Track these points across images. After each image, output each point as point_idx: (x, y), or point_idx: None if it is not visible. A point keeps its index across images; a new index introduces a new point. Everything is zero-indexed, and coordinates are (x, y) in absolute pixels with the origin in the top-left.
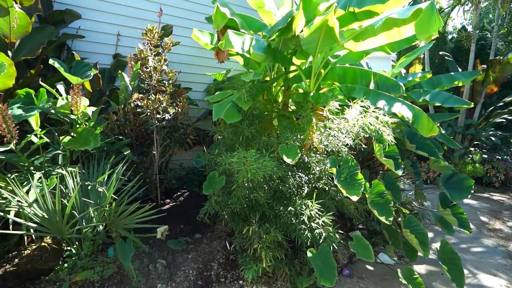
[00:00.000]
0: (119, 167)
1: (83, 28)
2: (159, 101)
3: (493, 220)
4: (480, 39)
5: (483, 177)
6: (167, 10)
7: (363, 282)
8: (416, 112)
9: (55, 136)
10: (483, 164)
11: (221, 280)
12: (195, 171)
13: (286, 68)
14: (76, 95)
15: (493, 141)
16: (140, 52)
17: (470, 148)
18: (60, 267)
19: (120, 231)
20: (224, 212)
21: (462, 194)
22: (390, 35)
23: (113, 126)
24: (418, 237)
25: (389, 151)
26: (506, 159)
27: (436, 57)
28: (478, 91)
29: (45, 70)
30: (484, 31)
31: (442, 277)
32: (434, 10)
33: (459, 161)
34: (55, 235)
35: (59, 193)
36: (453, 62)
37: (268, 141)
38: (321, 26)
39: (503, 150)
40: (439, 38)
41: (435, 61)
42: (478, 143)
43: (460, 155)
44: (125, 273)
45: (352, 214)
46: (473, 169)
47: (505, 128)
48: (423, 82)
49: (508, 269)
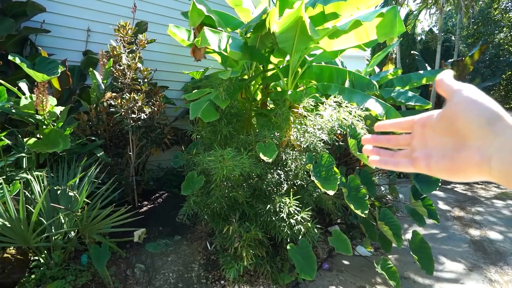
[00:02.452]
0: (91, 170)
1: (49, 22)
2: (134, 100)
3: (458, 210)
4: (445, 41)
5: None
6: (142, 6)
7: (342, 275)
8: (387, 109)
9: (19, 138)
10: None
11: (203, 281)
12: (174, 172)
13: (264, 67)
14: (42, 94)
15: None
16: (112, 49)
17: None
18: (27, 279)
19: (94, 236)
20: (203, 213)
21: (431, 187)
22: (359, 36)
23: (84, 126)
24: (392, 229)
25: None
26: None
27: (407, 57)
28: None
29: (5, 67)
30: (449, 34)
31: (414, 265)
32: (396, 14)
33: None
34: (20, 245)
35: (23, 199)
36: (422, 61)
37: (247, 139)
38: (295, 23)
39: None
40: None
41: (406, 61)
42: None
43: None
44: (101, 280)
45: (330, 209)
46: None
47: None
48: (394, 79)
49: (471, 254)
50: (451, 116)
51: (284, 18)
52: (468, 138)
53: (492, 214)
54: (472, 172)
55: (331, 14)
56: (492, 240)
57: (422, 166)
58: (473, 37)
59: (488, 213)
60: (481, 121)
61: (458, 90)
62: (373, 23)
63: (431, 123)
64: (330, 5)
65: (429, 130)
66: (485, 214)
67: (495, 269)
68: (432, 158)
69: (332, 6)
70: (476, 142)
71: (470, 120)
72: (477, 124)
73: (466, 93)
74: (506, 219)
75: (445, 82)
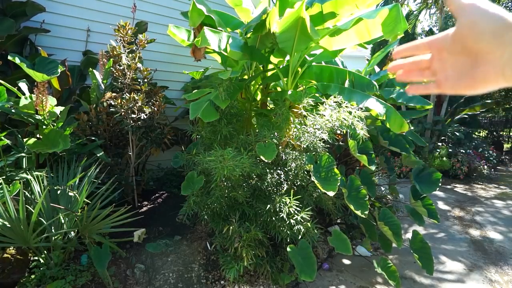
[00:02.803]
0: (91, 170)
1: (49, 22)
2: (134, 100)
3: (458, 210)
4: None
5: (449, 170)
6: (142, 6)
7: (342, 275)
8: (388, 108)
9: (18, 138)
10: (450, 158)
11: (202, 282)
12: (174, 172)
13: (264, 67)
14: (42, 94)
15: (458, 136)
16: (112, 49)
17: (438, 143)
18: (27, 279)
19: (94, 236)
20: (203, 213)
21: (431, 187)
22: (361, 34)
23: (84, 126)
24: (392, 229)
25: (364, 147)
26: (469, 152)
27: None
28: None
29: (5, 67)
30: None
31: (414, 265)
32: (399, 12)
33: (428, 155)
34: (20, 245)
35: (23, 199)
36: None
37: (247, 139)
38: (295, 23)
39: (467, 144)
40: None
41: None
42: (444, 138)
43: (430, 150)
44: (101, 281)
45: (330, 209)
46: (440, 163)
47: (468, 124)
48: (394, 79)
49: (471, 254)
50: (461, 38)
51: (284, 18)
52: (480, 54)
53: (492, 214)
54: (491, 84)
55: (331, 14)
56: (492, 240)
57: (447, 88)
58: None
59: (488, 213)
60: (487, 37)
61: (463, 8)
62: (376, 21)
63: (446, 46)
64: (329, 4)
65: (445, 53)
66: (485, 214)
67: (495, 269)
68: (453, 79)
69: (330, 5)
70: (488, 56)
71: (478, 39)
72: (486, 41)
73: (471, 10)
74: (506, 219)
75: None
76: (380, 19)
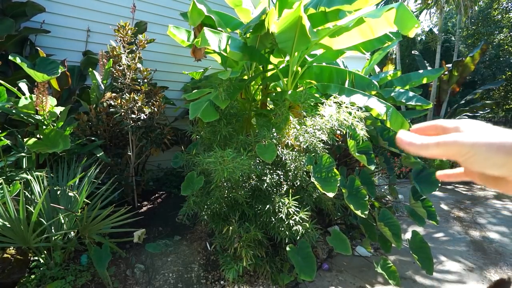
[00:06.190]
0: (91, 170)
1: (49, 22)
2: (133, 100)
3: (458, 210)
4: (445, 41)
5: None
6: (141, 6)
7: (342, 275)
8: (388, 108)
9: (18, 138)
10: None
11: (202, 282)
12: (174, 172)
13: (263, 67)
14: (42, 94)
15: None
16: (112, 49)
17: None
18: (27, 279)
19: (94, 237)
20: (203, 213)
21: (430, 188)
22: (363, 33)
23: (84, 126)
24: (391, 229)
25: (363, 147)
26: None
27: (406, 58)
28: (444, 90)
29: (5, 67)
30: (449, 34)
31: (414, 265)
32: (406, 9)
33: None
34: (20, 245)
35: (24, 199)
36: (422, 60)
37: (246, 140)
38: (294, 23)
39: None
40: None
41: (406, 62)
42: None
43: None
44: (100, 281)
45: (330, 209)
46: (440, 163)
47: None
48: (394, 80)
49: (471, 254)
50: (474, 175)
51: (282, 19)
52: (499, 178)
53: (492, 215)
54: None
55: (333, 13)
56: (491, 241)
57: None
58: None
59: (488, 213)
60: (497, 168)
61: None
62: (380, 20)
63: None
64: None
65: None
66: (485, 215)
67: (495, 270)
68: (488, 183)
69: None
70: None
71: (494, 171)
72: (498, 171)
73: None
74: (506, 220)
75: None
76: (386, 17)
